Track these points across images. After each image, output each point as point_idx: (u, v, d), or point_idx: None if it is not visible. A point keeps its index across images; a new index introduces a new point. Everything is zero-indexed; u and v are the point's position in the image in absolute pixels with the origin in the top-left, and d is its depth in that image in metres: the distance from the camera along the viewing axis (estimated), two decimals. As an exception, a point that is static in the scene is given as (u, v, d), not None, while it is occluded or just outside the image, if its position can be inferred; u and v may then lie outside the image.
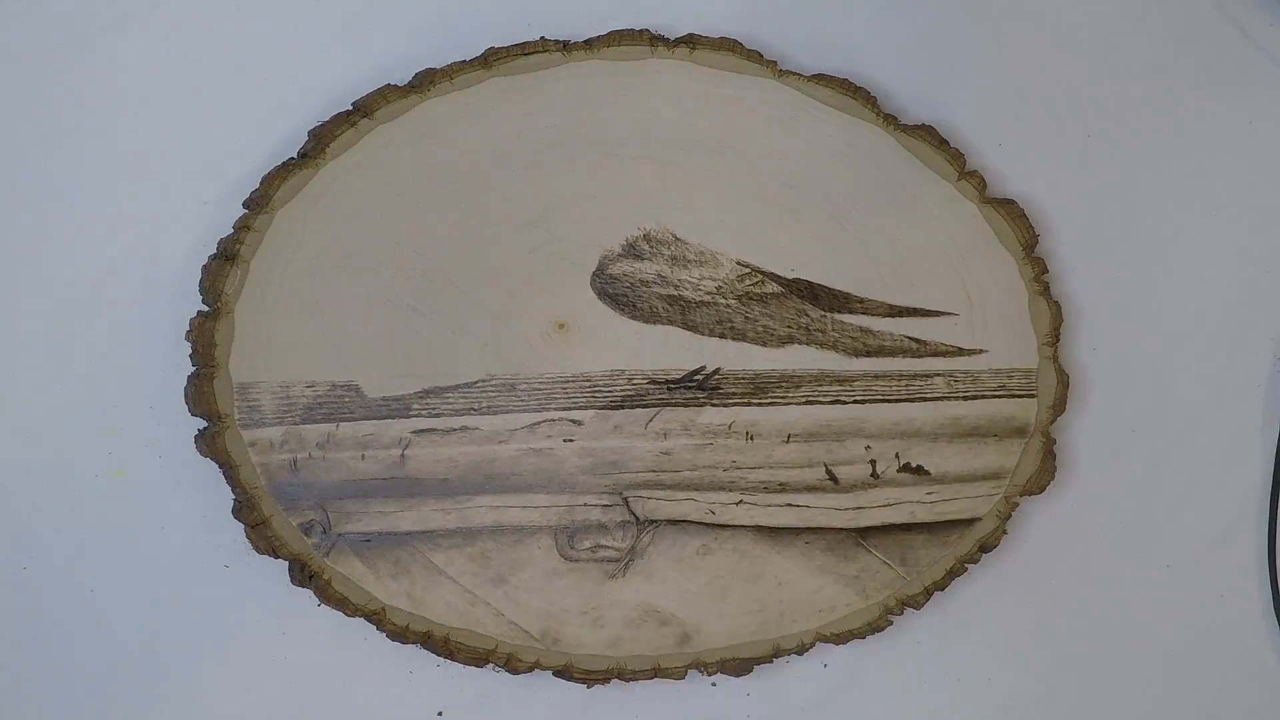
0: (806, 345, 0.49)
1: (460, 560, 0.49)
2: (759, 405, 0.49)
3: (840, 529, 0.49)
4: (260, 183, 0.48)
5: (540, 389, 0.49)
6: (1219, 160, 0.52)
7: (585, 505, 0.49)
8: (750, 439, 0.49)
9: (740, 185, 0.49)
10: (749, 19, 0.51)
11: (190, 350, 0.48)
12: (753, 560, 0.49)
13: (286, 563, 0.48)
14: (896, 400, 0.49)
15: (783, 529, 0.49)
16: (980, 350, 0.49)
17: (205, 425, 0.48)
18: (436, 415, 0.48)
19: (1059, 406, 0.49)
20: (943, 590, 0.49)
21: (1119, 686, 0.51)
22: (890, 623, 0.49)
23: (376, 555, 0.48)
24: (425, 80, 0.48)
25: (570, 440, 0.49)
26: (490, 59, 0.49)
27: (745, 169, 0.49)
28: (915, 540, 0.49)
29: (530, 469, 0.49)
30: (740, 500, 0.49)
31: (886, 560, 0.49)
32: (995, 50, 0.52)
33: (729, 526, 0.49)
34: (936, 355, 0.49)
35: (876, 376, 0.49)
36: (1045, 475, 0.49)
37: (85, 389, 0.50)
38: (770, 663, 0.49)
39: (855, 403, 0.49)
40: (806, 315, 0.49)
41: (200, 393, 0.48)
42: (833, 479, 0.49)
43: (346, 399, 0.48)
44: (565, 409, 0.49)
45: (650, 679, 0.49)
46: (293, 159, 0.48)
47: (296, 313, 0.48)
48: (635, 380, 0.49)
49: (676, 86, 0.49)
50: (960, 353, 0.49)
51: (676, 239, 0.49)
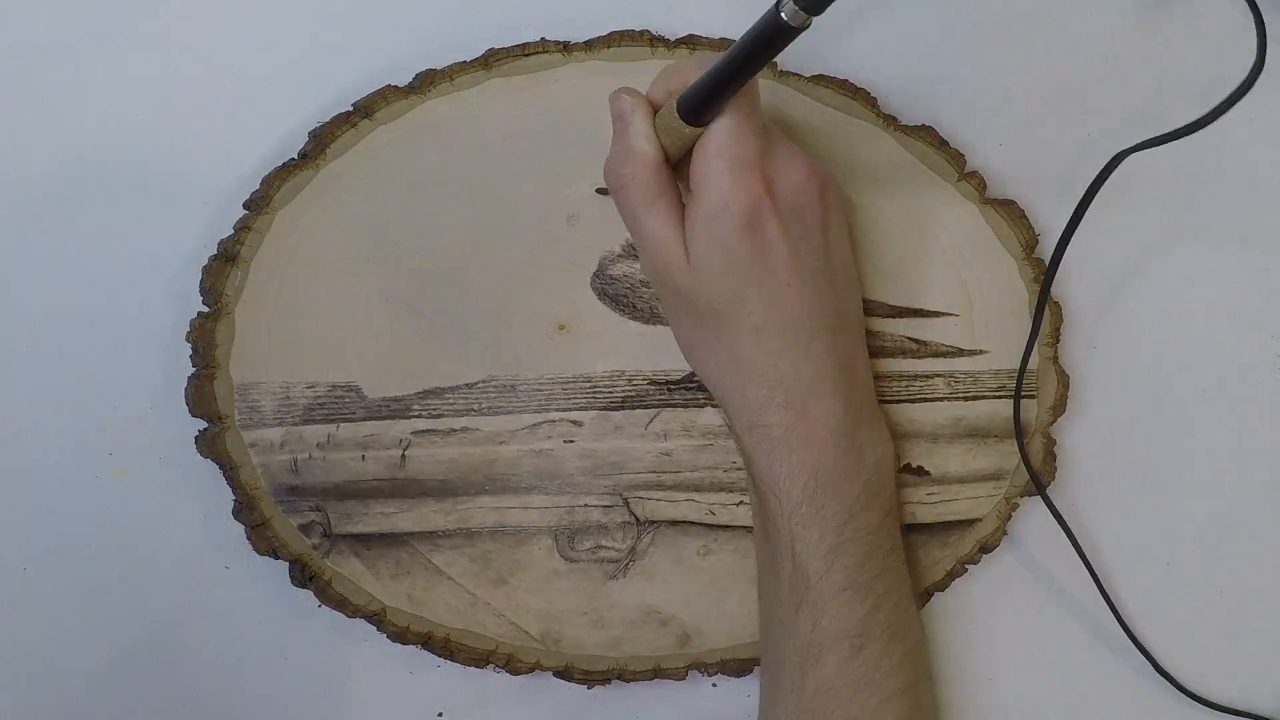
0: (807, 346, 0.49)
1: (461, 561, 0.49)
2: (759, 406, 0.49)
3: (840, 529, 0.49)
4: (260, 183, 0.48)
5: (540, 390, 0.49)
6: (1220, 159, 0.52)
7: (586, 506, 0.49)
8: (750, 439, 0.49)
9: (740, 185, 0.49)
10: (749, 19, 0.50)
11: (190, 351, 0.48)
12: (753, 561, 0.49)
13: (287, 564, 0.48)
14: (896, 401, 0.49)
15: (783, 530, 0.49)
16: (980, 351, 0.50)
17: (205, 426, 0.48)
18: (437, 416, 0.48)
19: (1059, 406, 0.49)
20: (943, 591, 0.49)
21: (1119, 686, 0.51)
22: (890, 623, 0.49)
23: (377, 556, 0.49)
24: (425, 81, 0.48)
25: (571, 441, 0.49)
26: (490, 59, 0.49)
27: (745, 169, 0.49)
28: (915, 541, 0.49)
29: (531, 470, 0.49)
30: (741, 501, 0.49)
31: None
32: (996, 50, 0.52)
33: (730, 527, 0.49)
34: (936, 356, 0.49)
35: (876, 377, 0.49)
36: (1045, 475, 0.49)
37: (85, 389, 0.50)
38: (770, 663, 0.49)
39: (855, 403, 0.49)
40: (807, 316, 0.49)
41: (200, 393, 0.48)
42: (833, 479, 0.49)
43: (346, 399, 0.48)
44: (565, 410, 0.49)
45: (651, 680, 0.49)
46: (293, 159, 0.48)
47: (296, 313, 0.48)
48: (635, 381, 0.49)
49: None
50: (960, 353, 0.49)
51: (677, 239, 0.49)
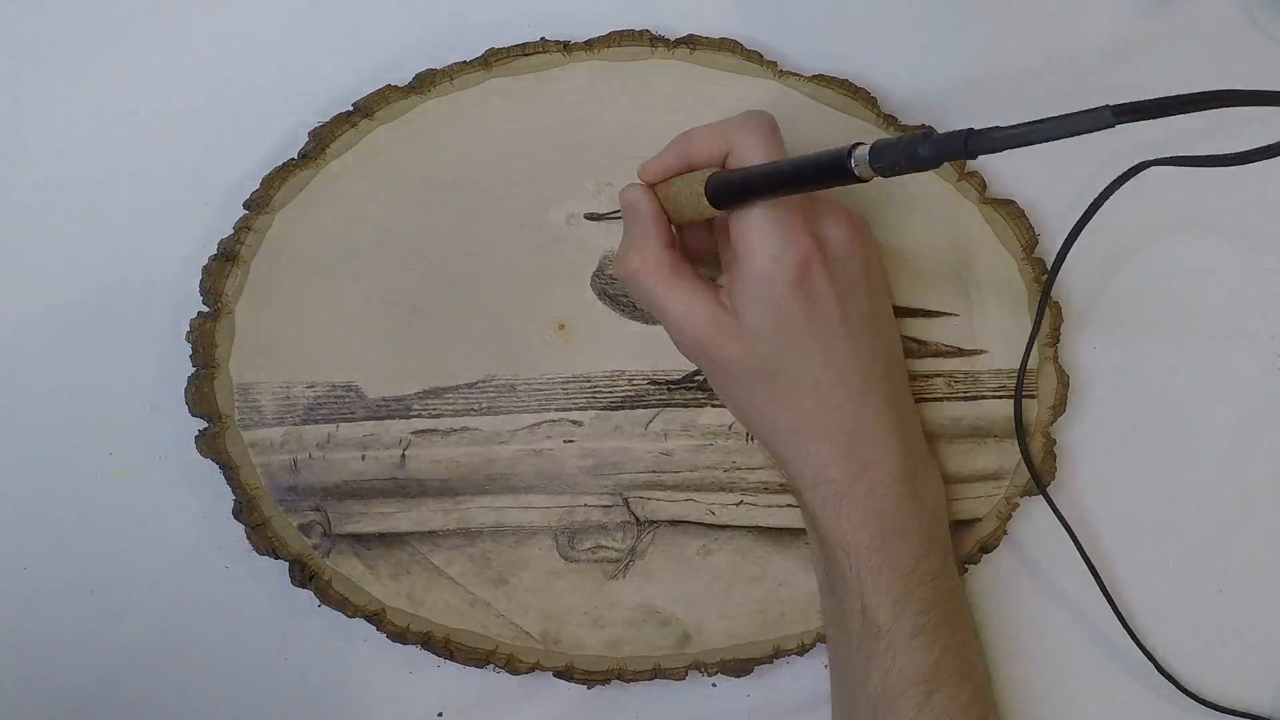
0: (807, 346, 0.49)
1: (460, 561, 0.49)
2: (759, 406, 0.49)
3: (840, 529, 0.49)
4: (260, 183, 0.48)
5: (540, 390, 0.49)
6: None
7: (585, 506, 0.49)
8: (750, 440, 0.49)
9: (740, 185, 0.49)
10: (749, 19, 0.51)
11: (190, 350, 0.48)
12: (753, 561, 0.49)
13: (287, 564, 0.48)
14: (897, 401, 0.49)
15: (783, 530, 0.49)
16: (980, 351, 0.49)
17: (205, 426, 0.48)
18: (437, 416, 0.48)
19: (1059, 406, 0.49)
20: (943, 590, 0.49)
21: (1119, 686, 0.51)
22: (890, 623, 0.49)
23: (377, 556, 0.48)
24: (425, 80, 0.48)
25: (570, 441, 0.49)
26: (490, 59, 0.49)
27: (745, 169, 0.49)
28: (915, 540, 0.49)
29: (530, 470, 0.49)
30: (741, 501, 0.49)
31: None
32: (996, 50, 0.52)
33: (729, 527, 0.49)
34: (937, 355, 0.49)
35: (877, 377, 0.49)
36: (1045, 475, 0.49)
37: (85, 389, 0.50)
38: (771, 663, 0.49)
39: (855, 403, 0.49)
40: (807, 316, 0.49)
41: (200, 393, 0.48)
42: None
43: (346, 399, 0.48)
44: (565, 410, 0.49)
45: (650, 680, 0.49)
46: (293, 159, 0.48)
47: (296, 313, 0.48)
48: (635, 381, 0.49)
49: (676, 86, 0.49)
50: (960, 353, 0.49)
51: (677, 239, 0.49)
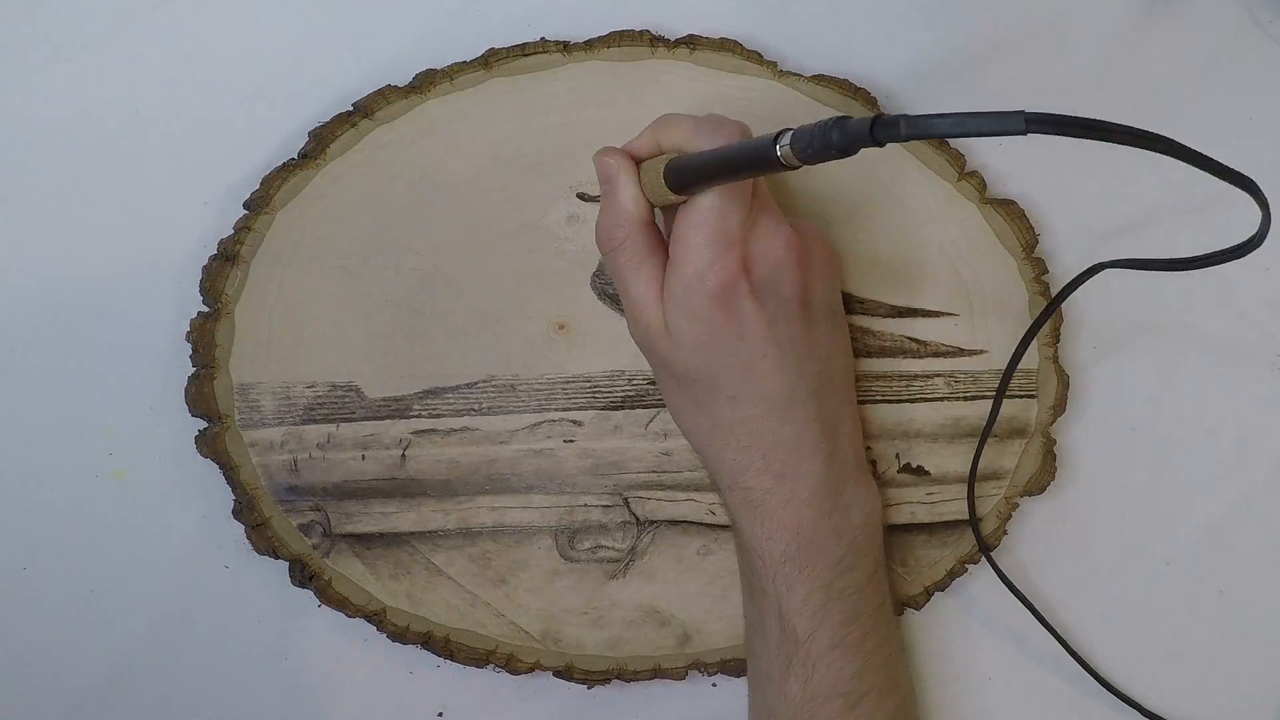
0: (807, 345, 0.49)
1: (461, 561, 0.49)
2: (759, 406, 0.49)
3: (840, 529, 0.49)
4: (260, 183, 0.48)
5: (540, 390, 0.49)
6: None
7: (585, 506, 0.49)
8: (750, 439, 0.49)
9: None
10: (749, 19, 0.51)
11: (190, 350, 0.48)
12: (753, 561, 0.49)
13: (286, 563, 0.48)
14: (897, 401, 0.49)
15: (783, 529, 0.49)
16: (980, 351, 0.50)
17: (205, 426, 0.48)
18: (437, 416, 0.48)
19: (1059, 406, 0.49)
20: (943, 590, 0.49)
21: (1119, 686, 0.51)
22: (890, 623, 0.49)
23: (377, 556, 0.48)
24: (425, 80, 0.48)
25: (571, 441, 0.49)
26: (490, 59, 0.49)
27: (745, 169, 0.49)
28: (915, 540, 0.49)
29: (531, 470, 0.49)
30: (740, 501, 0.49)
31: (886, 560, 0.48)
32: (996, 50, 0.52)
33: (729, 527, 0.49)
34: (937, 355, 0.49)
35: (876, 377, 0.49)
36: (1045, 475, 0.49)
37: (85, 389, 0.50)
38: (770, 663, 0.49)
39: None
40: (807, 315, 0.49)
41: (200, 393, 0.48)
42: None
43: (346, 399, 0.48)
44: (565, 409, 0.49)
45: (650, 679, 0.49)
46: (293, 159, 0.48)
47: (296, 313, 0.48)
48: (635, 381, 0.49)
49: (676, 86, 0.49)
50: (960, 353, 0.49)
51: (677, 239, 0.49)
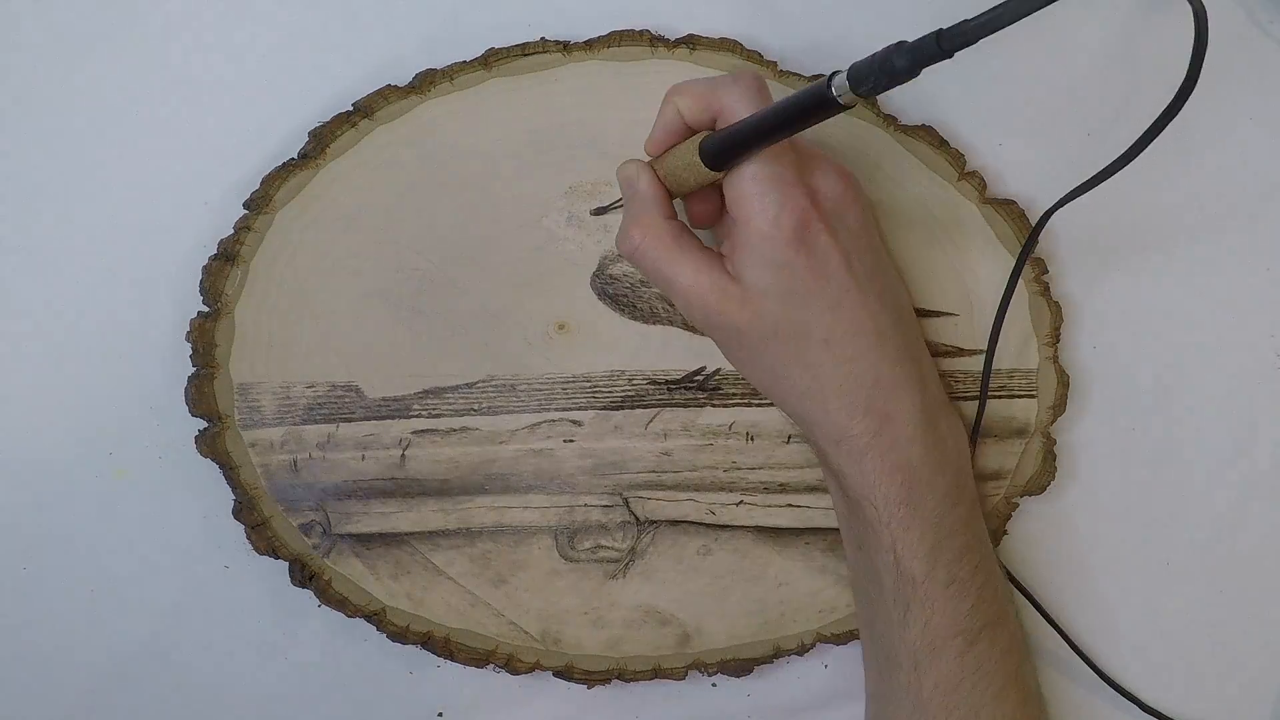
0: (807, 345, 0.49)
1: (460, 561, 0.49)
2: (759, 406, 0.49)
3: (840, 529, 0.49)
4: (260, 183, 0.48)
5: (540, 389, 0.49)
6: (1219, 158, 0.52)
7: (585, 506, 0.49)
8: (750, 439, 0.49)
9: (740, 185, 0.49)
10: (749, 19, 0.51)
11: (190, 350, 0.48)
12: (753, 561, 0.49)
13: (286, 563, 0.48)
14: (897, 400, 0.49)
15: (783, 529, 0.49)
16: (980, 350, 0.49)
17: (205, 426, 0.48)
18: (436, 416, 0.48)
19: (1059, 406, 0.49)
20: (943, 590, 0.49)
21: (1121, 682, 0.51)
22: (890, 623, 0.49)
23: (377, 556, 0.48)
24: (425, 80, 0.48)
25: (570, 441, 0.49)
26: (490, 59, 0.49)
27: (745, 169, 0.49)
28: (915, 540, 0.49)
29: (530, 469, 0.49)
30: (741, 501, 0.49)
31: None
32: (995, 50, 0.52)
33: (729, 527, 0.49)
34: (937, 355, 0.49)
35: (877, 377, 0.49)
36: (1045, 475, 0.49)
37: (85, 389, 0.50)
38: (771, 663, 0.49)
39: (855, 403, 0.49)
40: (807, 315, 0.49)
41: (200, 393, 0.48)
42: (833, 479, 0.49)
43: (346, 399, 0.48)
44: (565, 409, 0.49)
45: (650, 679, 0.49)
46: (293, 159, 0.48)
47: (296, 313, 0.48)
48: (635, 381, 0.49)
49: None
50: (960, 353, 0.49)
51: (677, 239, 0.49)
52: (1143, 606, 0.51)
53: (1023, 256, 0.46)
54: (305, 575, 0.48)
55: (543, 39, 0.49)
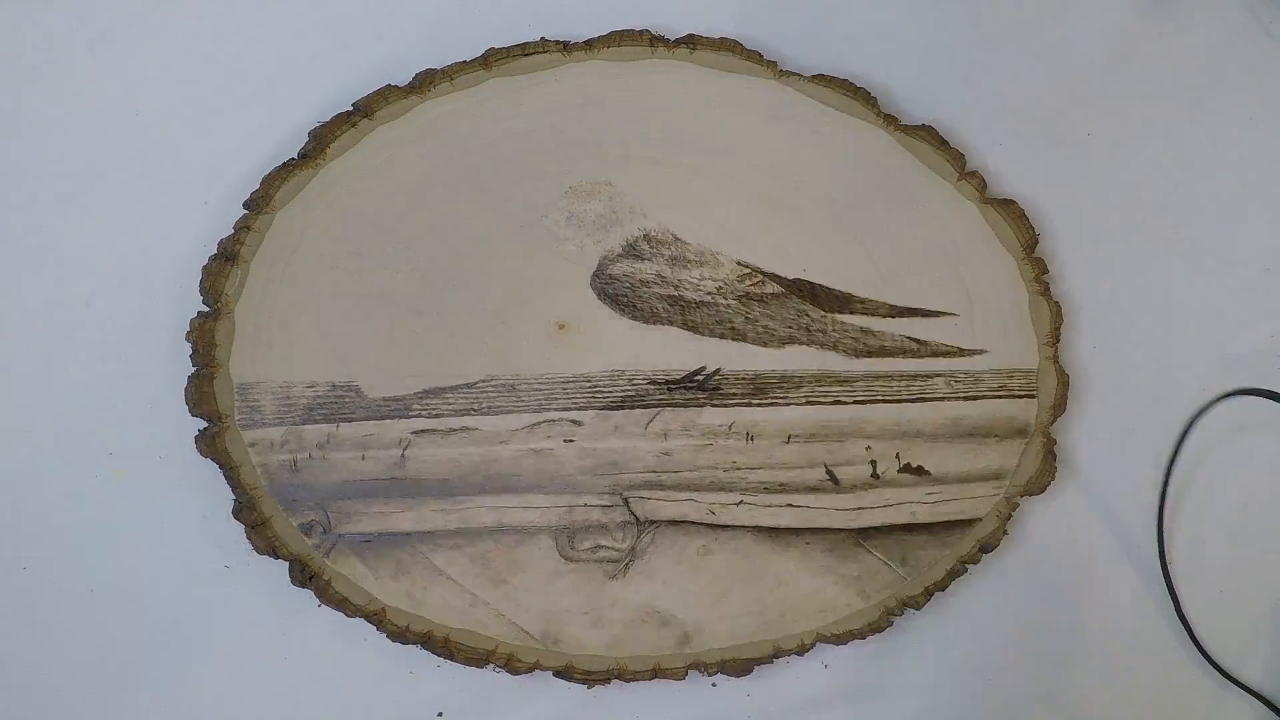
0: (807, 346, 0.49)
1: (461, 561, 0.49)
2: (759, 406, 0.49)
3: (841, 529, 0.49)
4: (260, 183, 0.48)
5: (540, 389, 0.49)
6: (1219, 158, 0.52)
7: (585, 506, 0.49)
8: (751, 439, 0.49)
9: (740, 185, 0.49)
10: (749, 19, 0.51)
11: (190, 350, 0.48)
12: (753, 561, 0.49)
13: (286, 563, 0.48)
14: (897, 401, 0.49)
15: (783, 529, 0.49)
16: (981, 350, 0.49)
17: (205, 425, 0.48)
18: (437, 416, 0.48)
19: (1059, 406, 0.49)
20: (943, 590, 0.49)
21: (1120, 686, 0.51)
22: (890, 623, 0.49)
23: (377, 556, 0.48)
24: (425, 80, 0.48)
25: (570, 441, 0.49)
26: (490, 59, 0.49)
27: (745, 169, 0.49)
28: (916, 540, 0.49)
29: (530, 469, 0.49)
30: (741, 501, 0.49)
31: (887, 561, 0.49)
32: (995, 50, 0.52)
33: (729, 527, 0.49)
34: (937, 355, 0.49)
35: (877, 377, 0.49)
36: (1045, 475, 0.49)
37: (85, 389, 0.50)
38: (770, 663, 0.49)
39: (856, 403, 0.49)
40: (807, 316, 0.49)
41: (200, 393, 0.48)
42: (833, 479, 0.49)
43: (346, 399, 0.48)
44: (565, 409, 0.49)
45: (650, 679, 0.49)
46: (293, 159, 0.48)
47: (296, 313, 0.48)
48: (635, 380, 0.49)
49: (676, 87, 0.49)
50: (961, 353, 0.49)
51: (676, 239, 0.49)
52: (1142, 607, 0.51)
53: None
54: (305, 575, 0.48)
55: (543, 39, 0.49)
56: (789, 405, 0.49)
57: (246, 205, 0.48)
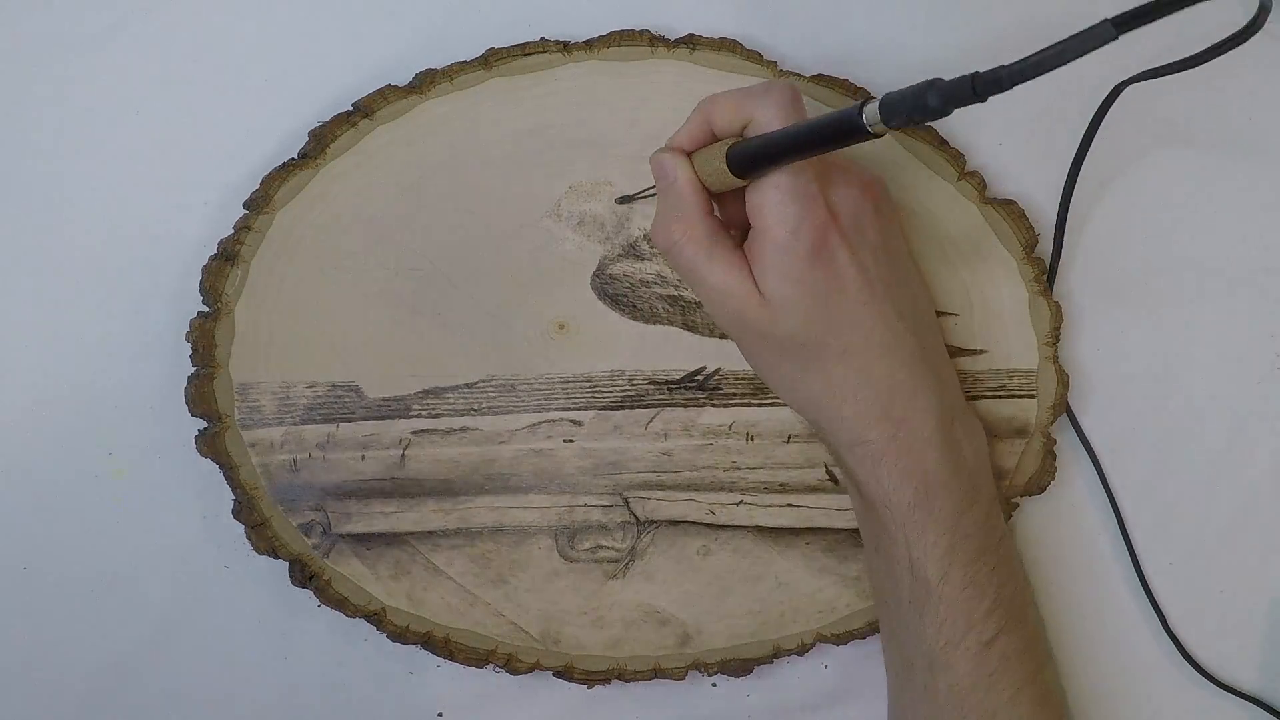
0: (807, 345, 0.49)
1: (460, 561, 0.49)
2: (759, 406, 0.49)
3: (841, 530, 0.49)
4: (260, 183, 0.48)
5: (540, 389, 0.49)
6: (1220, 158, 0.52)
7: (585, 506, 0.49)
8: (750, 439, 0.49)
9: (740, 185, 0.49)
10: (749, 19, 0.51)
11: (190, 350, 0.48)
12: (753, 561, 0.49)
13: (286, 563, 0.48)
14: (897, 400, 0.49)
15: (783, 529, 0.49)
16: (980, 350, 0.49)
17: (205, 425, 0.48)
18: (436, 416, 0.48)
19: (1059, 406, 0.49)
20: (943, 590, 0.49)
21: (1120, 686, 0.51)
22: (890, 623, 0.49)
23: (376, 556, 0.48)
24: (425, 80, 0.48)
25: (570, 441, 0.49)
26: (490, 59, 0.49)
27: (745, 169, 0.49)
28: (915, 540, 0.49)
29: (530, 469, 0.49)
30: (741, 501, 0.49)
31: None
32: (995, 50, 0.52)
33: (729, 527, 0.49)
34: (937, 355, 0.49)
35: (877, 377, 0.49)
36: (1045, 475, 0.49)
37: (85, 389, 0.50)
38: (771, 663, 0.49)
39: (855, 403, 0.49)
40: (807, 315, 0.49)
41: (200, 393, 0.48)
42: (833, 480, 0.49)
43: (346, 399, 0.48)
44: (565, 409, 0.49)
45: (650, 679, 0.49)
46: (293, 159, 0.48)
47: (296, 313, 0.48)
48: (635, 381, 0.49)
49: (676, 87, 0.49)
50: (960, 353, 0.49)
51: (677, 239, 0.49)
52: (1143, 607, 0.51)
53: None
54: (305, 575, 0.48)
55: (543, 39, 0.49)
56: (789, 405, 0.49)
57: (246, 205, 0.48)
